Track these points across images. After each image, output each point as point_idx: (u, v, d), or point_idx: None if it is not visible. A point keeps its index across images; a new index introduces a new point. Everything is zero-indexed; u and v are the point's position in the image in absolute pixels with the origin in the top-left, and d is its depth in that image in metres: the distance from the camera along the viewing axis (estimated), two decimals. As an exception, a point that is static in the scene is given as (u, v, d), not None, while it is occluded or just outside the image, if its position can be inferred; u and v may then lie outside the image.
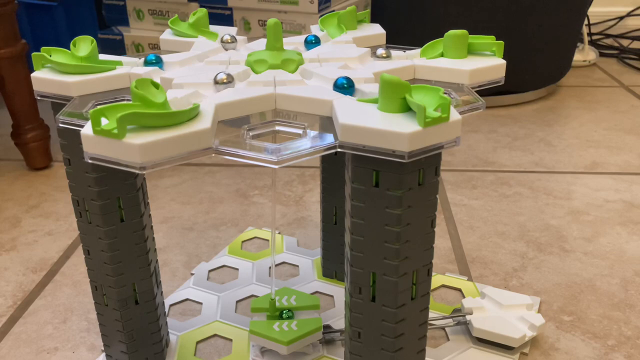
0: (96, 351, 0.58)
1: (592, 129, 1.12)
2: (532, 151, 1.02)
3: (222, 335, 0.60)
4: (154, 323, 0.53)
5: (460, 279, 0.67)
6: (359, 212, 0.39)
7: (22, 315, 0.64)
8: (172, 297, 0.66)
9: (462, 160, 0.99)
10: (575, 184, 0.90)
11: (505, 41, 1.13)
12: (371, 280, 0.40)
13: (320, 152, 0.36)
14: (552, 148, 1.04)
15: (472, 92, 0.44)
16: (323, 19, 0.56)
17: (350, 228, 0.40)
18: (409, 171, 0.37)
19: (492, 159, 1.00)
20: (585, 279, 0.68)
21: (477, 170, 0.96)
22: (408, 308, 0.41)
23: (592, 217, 0.80)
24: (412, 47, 0.52)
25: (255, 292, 0.66)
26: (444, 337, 0.59)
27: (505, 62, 0.47)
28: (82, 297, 0.67)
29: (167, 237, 0.78)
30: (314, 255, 0.72)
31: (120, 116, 0.34)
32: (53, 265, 0.73)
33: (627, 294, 0.65)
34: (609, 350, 0.57)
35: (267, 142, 0.37)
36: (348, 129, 0.36)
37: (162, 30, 1.12)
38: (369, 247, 0.40)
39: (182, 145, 0.35)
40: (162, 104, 0.36)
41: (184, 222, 0.81)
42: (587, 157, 1.00)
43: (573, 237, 0.76)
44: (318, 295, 0.65)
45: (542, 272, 0.69)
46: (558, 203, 0.84)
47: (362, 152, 0.36)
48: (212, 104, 0.39)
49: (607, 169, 0.95)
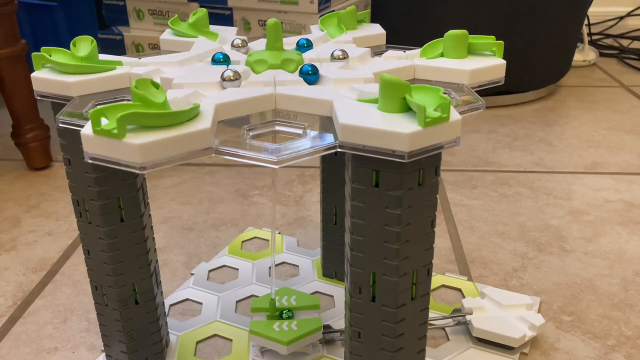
0: (96, 351, 0.58)
1: (592, 129, 1.12)
2: (532, 151, 1.02)
3: (222, 335, 0.60)
4: (154, 323, 0.53)
5: (460, 279, 0.67)
6: (359, 212, 0.39)
7: (22, 315, 0.64)
8: (172, 297, 0.66)
9: (462, 160, 0.99)
10: (576, 184, 0.90)
11: (505, 41, 1.13)
12: (371, 280, 0.40)
13: (320, 152, 0.36)
14: (552, 148, 1.04)
15: (472, 92, 0.44)
16: (323, 19, 0.56)
17: (350, 228, 0.40)
18: (409, 171, 0.37)
19: (492, 159, 1.00)
20: (585, 279, 0.68)
21: (477, 170, 0.96)
22: (408, 308, 0.41)
23: (592, 217, 0.80)
24: (412, 47, 0.52)
25: (255, 292, 0.66)
26: (444, 337, 0.59)
27: (505, 62, 0.47)
28: (82, 297, 0.67)
29: (167, 237, 0.78)
30: (314, 255, 0.72)
31: (120, 116, 0.34)
32: (53, 265, 0.73)
33: (627, 294, 0.65)
34: (609, 350, 0.57)
35: (267, 142, 0.37)
36: (348, 129, 0.36)
37: (162, 30, 1.12)
38: (369, 247, 0.40)
39: (182, 145, 0.35)
40: (162, 104, 0.36)
41: (184, 222, 0.81)
42: (587, 157, 1.00)
43: (573, 237, 0.76)
44: (318, 295, 0.65)
45: (542, 272, 0.69)
46: (558, 203, 0.84)
47: (362, 152, 0.36)
48: (212, 104, 0.39)
49: (607, 169, 0.95)
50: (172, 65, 0.48)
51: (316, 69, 0.43)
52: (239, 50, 0.51)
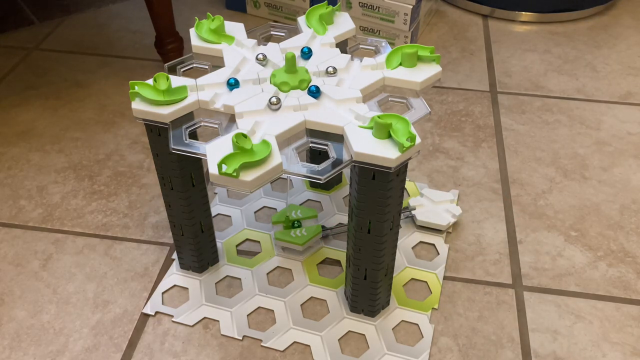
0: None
1: (637, 53, 1.29)
2: (577, 77, 1.22)
3: (252, 239, 0.88)
4: (212, 241, 0.81)
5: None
6: (363, 192, 0.65)
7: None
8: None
9: (517, 83, 1.20)
10: (607, 115, 1.11)
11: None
12: (369, 224, 0.67)
13: (346, 166, 0.61)
14: (596, 74, 1.22)
15: (421, 99, 0.68)
16: (307, 13, 0.77)
17: (356, 198, 0.66)
18: (391, 172, 0.62)
19: (542, 82, 1.20)
20: (594, 203, 0.93)
21: (528, 94, 1.17)
22: (387, 236, 0.68)
23: (612, 149, 1.03)
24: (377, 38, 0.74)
25: (267, 204, 0.92)
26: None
27: (441, 69, 0.70)
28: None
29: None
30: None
31: (239, 166, 0.57)
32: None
33: (621, 217, 0.90)
34: (597, 259, 0.84)
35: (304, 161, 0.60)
36: (359, 154, 0.60)
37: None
38: (368, 208, 0.66)
39: (268, 176, 0.59)
40: (252, 150, 0.58)
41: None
42: (624, 85, 1.19)
43: (593, 166, 1.00)
44: (310, 203, 0.93)
45: (563, 195, 0.94)
46: (588, 133, 1.07)
47: (367, 166, 0.61)
48: (272, 136, 0.61)
49: (638, 100, 1.15)
50: (223, 86, 0.68)
51: (319, 89, 0.67)
52: (260, 62, 0.71)
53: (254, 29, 0.79)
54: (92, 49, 1.31)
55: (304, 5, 1.35)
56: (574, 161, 1.01)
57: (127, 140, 1.05)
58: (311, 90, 0.67)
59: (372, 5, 1.27)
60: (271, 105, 0.65)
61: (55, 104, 1.14)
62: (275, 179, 0.64)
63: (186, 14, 1.44)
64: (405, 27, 1.26)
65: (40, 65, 1.26)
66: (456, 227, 0.89)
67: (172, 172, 0.71)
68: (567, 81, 1.20)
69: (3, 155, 1.03)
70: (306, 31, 0.77)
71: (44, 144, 1.05)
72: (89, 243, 0.87)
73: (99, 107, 1.14)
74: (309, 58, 0.73)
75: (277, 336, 0.74)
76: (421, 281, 0.81)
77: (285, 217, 0.86)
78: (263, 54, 0.72)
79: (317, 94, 0.67)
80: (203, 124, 0.66)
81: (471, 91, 1.18)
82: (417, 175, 0.97)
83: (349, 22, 0.78)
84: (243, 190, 0.58)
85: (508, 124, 1.09)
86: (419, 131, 1.06)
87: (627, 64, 1.26)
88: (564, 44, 1.33)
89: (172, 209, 0.76)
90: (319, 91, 0.67)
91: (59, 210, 0.92)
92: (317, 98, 0.67)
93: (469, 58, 1.28)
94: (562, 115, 1.11)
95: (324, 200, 0.93)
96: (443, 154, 1.02)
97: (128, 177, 0.98)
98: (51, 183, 0.97)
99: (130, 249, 0.86)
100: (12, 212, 0.92)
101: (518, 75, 1.22)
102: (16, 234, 0.88)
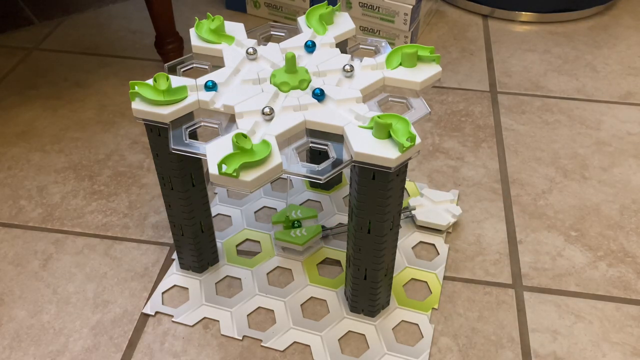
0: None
1: (637, 53, 1.29)
2: (577, 77, 1.22)
3: (252, 239, 0.88)
4: (212, 241, 0.81)
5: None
6: (363, 192, 0.65)
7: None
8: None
9: (517, 83, 1.20)
10: (607, 115, 1.11)
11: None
12: (369, 224, 0.67)
13: (346, 166, 0.61)
14: (596, 74, 1.22)
15: (421, 98, 0.68)
16: (307, 14, 0.77)
17: (356, 198, 0.66)
18: (391, 172, 0.62)
19: (542, 82, 1.20)
20: (594, 203, 0.93)
21: (528, 94, 1.17)
22: (387, 236, 0.68)
23: (612, 149, 1.03)
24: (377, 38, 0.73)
25: (267, 204, 0.92)
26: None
27: (441, 69, 0.70)
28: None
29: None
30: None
31: (239, 166, 0.56)
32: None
33: (621, 217, 0.90)
34: (597, 259, 0.84)
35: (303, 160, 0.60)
36: (359, 154, 0.60)
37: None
38: (368, 208, 0.66)
39: (268, 176, 0.58)
40: (252, 150, 0.58)
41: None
42: (624, 85, 1.19)
43: (593, 166, 1.00)
44: (310, 202, 0.93)
45: (563, 195, 0.94)
46: (588, 133, 1.07)
47: (367, 166, 0.61)
48: (272, 137, 0.61)
49: (638, 100, 1.15)
50: (225, 85, 0.68)
51: (323, 92, 0.66)
52: (250, 56, 0.71)
53: (254, 29, 0.79)
54: (92, 49, 1.31)
55: (304, 5, 1.35)
56: (574, 161, 1.01)
57: (127, 140, 1.06)
58: (315, 93, 0.66)
59: (372, 5, 1.27)
60: (264, 116, 0.64)
61: (55, 104, 1.14)
62: (275, 179, 0.64)
63: (186, 14, 1.44)
64: (405, 27, 1.26)
65: (40, 65, 1.26)
66: (456, 227, 0.89)
67: (172, 172, 0.71)
68: (567, 81, 1.20)
69: (3, 155, 1.03)
70: (306, 31, 0.76)
71: (44, 144, 1.05)
72: (89, 243, 0.87)
73: (99, 107, 1.14)
74: (312, 52, 0.73)
75: (277, 336, 0.74)
76: (421, 281, 0.81)
77: (285, 217, 0.86)
78: (253, 48, 0.72)
79: (321, 97, 0.66)
80: (203, 124, 0.66)
81: (471, 91, 1.18)
82: (417, 175, 0.97)
83: (349, 22, 0.78)
84: (243, 190, 0.57)
85: (508, 124, 1.09)
86: (419, 131, 1.06)
87: (627, 64, 1.26)
88: (564, 44, 1.33)
89: (172, 209, 0.76)
90: (324, 94, 0.66)
91: (59, 210, 0.92)
92: (321, 101, 0.67)
93: (469, 58, 1.28)
94: (562, 115, 1.11)
95: (324, 200, 0.93)
96: (443, 154, 1.02)
97: (128, 177, 0.98)
98: (51, 183, 0.97)
99: (130, 249, 0.86)
100: (12, 212, 0.92)
101: (518, 75, 1.22)
102: (16, 234, 0.88)
